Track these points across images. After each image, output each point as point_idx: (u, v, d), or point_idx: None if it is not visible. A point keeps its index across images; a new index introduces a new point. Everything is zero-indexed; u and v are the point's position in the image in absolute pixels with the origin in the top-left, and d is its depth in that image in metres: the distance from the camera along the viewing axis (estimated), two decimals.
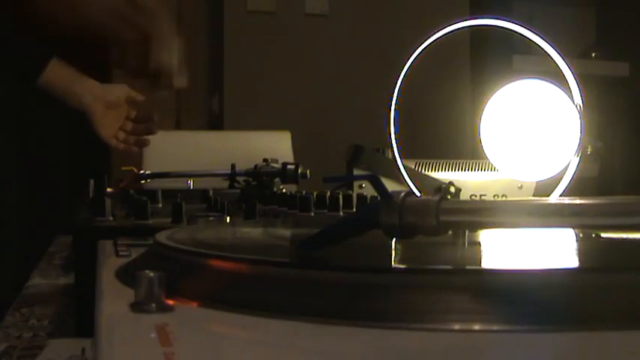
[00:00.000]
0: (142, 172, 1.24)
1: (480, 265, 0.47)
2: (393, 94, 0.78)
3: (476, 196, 1.28)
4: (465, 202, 0.47)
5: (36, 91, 1.08)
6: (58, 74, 1.08)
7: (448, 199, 0.44)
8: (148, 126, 1.21)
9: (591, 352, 0.32)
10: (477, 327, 0.34)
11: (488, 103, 0.77)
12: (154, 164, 1.37)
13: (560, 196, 0.74)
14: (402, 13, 2.24)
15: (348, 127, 2.08)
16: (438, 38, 0.77)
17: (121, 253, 0.57)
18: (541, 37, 0.74)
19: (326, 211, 0.89)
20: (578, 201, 0.41)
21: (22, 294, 0.81)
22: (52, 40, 1.05)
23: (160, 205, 0.96)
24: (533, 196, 1.27)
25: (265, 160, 1.18)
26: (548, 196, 0.77)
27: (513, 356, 0.32)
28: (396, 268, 0.44)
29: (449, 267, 0.44)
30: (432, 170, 1.35)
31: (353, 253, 0.48)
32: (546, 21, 2.37)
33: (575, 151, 0.73)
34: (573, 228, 0.59)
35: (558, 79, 0.74)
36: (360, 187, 1.22)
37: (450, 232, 0.47)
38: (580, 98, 0.73)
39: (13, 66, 1.07)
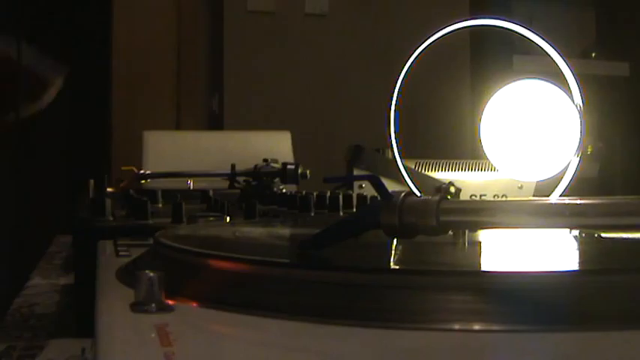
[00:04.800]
0: (142, 172, 1.24)
1: (480, 265, 0.47)
2: (393, 94, 0.78)
3: (476, 196, 1.28)
4: (465, 202, 0.47)
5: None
6: None
7: (448, 199, 0.44)
8: None
9: (591, 352, 0.32)
10: (477, 327, 0.34)
11: (488, 104, 0.77)
12: (154, 164, 1.37)
13: (560, 196, 0.74)
14: (402, 13, 2.24)
15: (348, 127, 2.08)
16: (438, 38, 0.77)
17: (121, 253, 0.57)
18: (541, 37, 0.74)
19: (326, 211, 0.89)
20: (578, 201, 0.41)
21: (22, 294, 0.81)
22: None
23: (160, 205, 0.96)
24: (533, 196, 1.27)
25: (265, 160, 1.18)
26: (548, 196, 0.77)
27: (513, 356, 0.32)
28: (395, 268, 0.44)
29: (449, 267, 0.44)
30: (432, 170, 1.35)
31: (353, 253, 0.48)
32: (546, 21, 2.37)
33: (575, 151, 0.73)
34: (573, 228, 0.59)
35: (558, 79, 0.74)
36: (360, 187, 1.22)
37: (450, 232, 0.47)
38: (580, 98, 0.73)
39: None
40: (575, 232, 0.60)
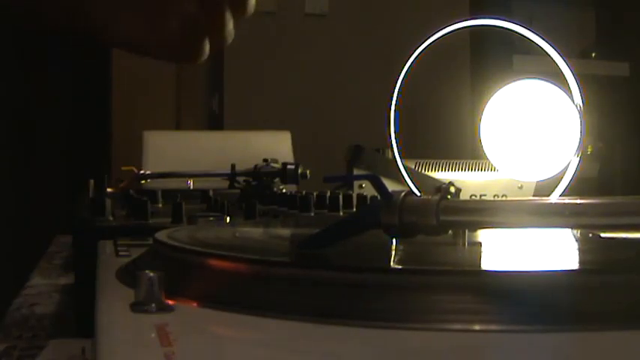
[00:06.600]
0: (142, 172, 1.24)
1: (480, 265, 0.47)
2: (393, 94, 0.78)
3: (476, 196, 1.28)
4: (465, 202, 0.47)
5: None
6: None
7: (448, 199, 0.44)
8: None
9: (591, 352, 0.32)
10: (477, 327, 0.34)
11: (488, 103, 0.77)
12: (154, 164, 1.37)
13: (560, 196, 0.74)
14: (402, 13, 2.24)
15: (348, 127, 2.08)
16: (438, 38, 0.77)
17: (121, 253, 0.57)
18: (541, 37, 0.74)
19: (326, 211, 0.89)
20: (578, 201, 0.41)
21: (22, 294, 0.81)
22: None
23: (160, 205, 0.96)
24: (533, 196, 1.27)
25: (265, 160, 1.18)
26: (548, 196, 0.77)
27: (513, 356, 0.32)
28: (396, 268, 0.44)
29: (449, 267, 0.44)
30: (432, 170, 1.35)
31: (353, 253, 0.48)
32: (546, 21, 2.37)
33: (575, 151, 0.73)
34: (573, 228, 0.58)
35: (558, 79, 0.74)
36: (360, 187, 1.22)
37: (450, 232, 0.47)
38: (580, 98, 0.73)
39: None
40: (575, 232, 0.60)
